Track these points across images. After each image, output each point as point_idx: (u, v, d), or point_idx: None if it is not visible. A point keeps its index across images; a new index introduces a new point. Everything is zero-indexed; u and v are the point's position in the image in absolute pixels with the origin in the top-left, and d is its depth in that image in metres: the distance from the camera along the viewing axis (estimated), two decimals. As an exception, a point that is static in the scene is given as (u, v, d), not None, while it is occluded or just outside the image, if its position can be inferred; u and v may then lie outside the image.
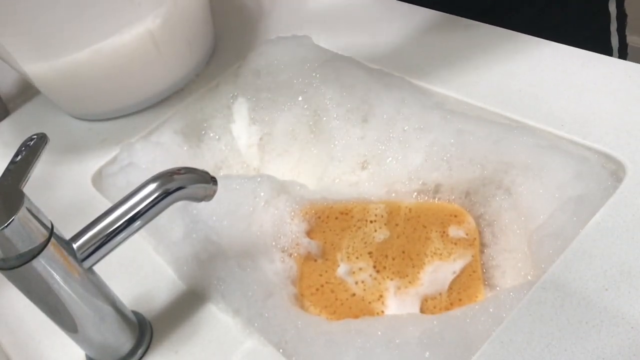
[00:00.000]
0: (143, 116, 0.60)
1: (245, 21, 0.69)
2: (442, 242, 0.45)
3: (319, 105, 0.55)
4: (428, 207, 0.48)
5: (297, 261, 0.46)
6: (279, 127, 0.58)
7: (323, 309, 0.43)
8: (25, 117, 0.66)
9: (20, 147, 0.35)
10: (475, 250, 0.44)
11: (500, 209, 0.45)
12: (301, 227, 0.47)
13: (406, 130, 0.49)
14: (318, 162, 0.55)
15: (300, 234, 0.47)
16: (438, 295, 0.43)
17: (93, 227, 0.34)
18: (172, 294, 0.42)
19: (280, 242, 0.47)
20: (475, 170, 0.46)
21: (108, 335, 0.37)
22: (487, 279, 0.44)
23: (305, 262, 0.46)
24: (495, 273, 0.44)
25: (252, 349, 0.38)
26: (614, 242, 0.37)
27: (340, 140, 0.52)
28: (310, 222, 0.48)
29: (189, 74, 0.62)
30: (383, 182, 0.49)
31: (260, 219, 0.47)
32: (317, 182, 0.53)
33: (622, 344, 0.32)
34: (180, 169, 0.37)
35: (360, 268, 0.45)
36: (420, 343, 0.36)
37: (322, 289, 0.44)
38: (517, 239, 0.43)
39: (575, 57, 0.50)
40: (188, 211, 0.48)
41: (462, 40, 0.56)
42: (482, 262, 0.44)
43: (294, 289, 0.44)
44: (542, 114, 0.46)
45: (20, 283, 0.32)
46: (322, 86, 0.55)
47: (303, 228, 0.47)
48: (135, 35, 0.54)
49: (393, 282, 0.44)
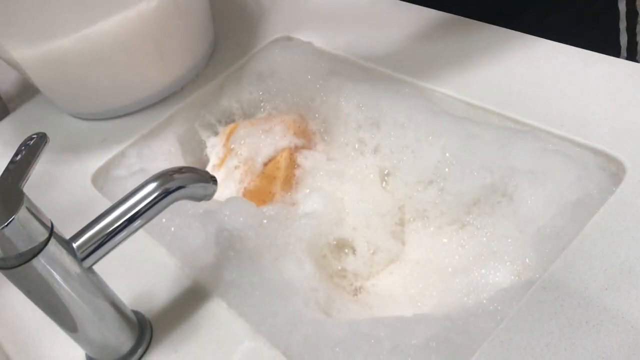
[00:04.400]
0: (143, 116, 0.60)
1: (245, 21, 0.69)
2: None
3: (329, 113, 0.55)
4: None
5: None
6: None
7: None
8: (25, 117, 0.66)
9: (20, 146, 0.35)
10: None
11: (502, 211, 0.45)
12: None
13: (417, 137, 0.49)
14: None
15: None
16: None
17: (93, 226, 0.34)
18: (172, 293, 0.42)
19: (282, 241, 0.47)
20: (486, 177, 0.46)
21: (108, 334, 0.37)
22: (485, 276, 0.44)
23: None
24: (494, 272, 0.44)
25: (252, 349, 0.38)
26: (614, 242, 0.37)
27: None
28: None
29: (189, 73, 0.62)
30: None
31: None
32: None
33: (622, 344, 0.32)
34: (181, 168, 0.37)
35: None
36: (427, 346, 0.36)
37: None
38: (517, 238, 0.43)
39: (575, 57, 0.50)
40: (188, 210, 0.48)
41: (464, 40, 0.56)
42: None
43: (297, 290, 0.44)
44: (542, 114, 0.46)
45: (20, 282, 0.32)
46: (329, 93, 0.55)
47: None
48: (124, 21, 0.53)
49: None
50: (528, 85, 0.49)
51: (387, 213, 0.50)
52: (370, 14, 0.64)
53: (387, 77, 0.55)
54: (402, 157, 0.50)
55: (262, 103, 0.61)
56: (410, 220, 0.50)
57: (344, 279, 0.48)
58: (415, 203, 0.50)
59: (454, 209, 0.48)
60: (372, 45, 0.59)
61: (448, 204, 0.48)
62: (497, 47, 0.54)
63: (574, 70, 0.49)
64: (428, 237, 0.49)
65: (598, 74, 0.48)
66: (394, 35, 0.59)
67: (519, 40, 0.53)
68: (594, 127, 0.44)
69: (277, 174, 0.53)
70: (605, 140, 0.43)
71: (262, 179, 0.53)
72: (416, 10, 0.62)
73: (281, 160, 0.53)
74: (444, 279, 0.45)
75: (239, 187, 0.54)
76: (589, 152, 0.43)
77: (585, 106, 0.46)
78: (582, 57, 0.50)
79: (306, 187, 0.52)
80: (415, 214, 0.50)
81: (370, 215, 0.49)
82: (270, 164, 0.54)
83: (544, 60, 0.51)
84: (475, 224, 0.47)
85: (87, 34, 0.52)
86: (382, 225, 0.49)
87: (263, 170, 0.54)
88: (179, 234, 0.46)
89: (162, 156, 0.56)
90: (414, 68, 0.54)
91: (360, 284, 0.48)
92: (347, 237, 0.49)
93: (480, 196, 0.46)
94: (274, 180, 0.52)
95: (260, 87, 0.61)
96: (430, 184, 0.49)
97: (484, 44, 0.54)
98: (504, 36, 0.55)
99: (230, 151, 0.56)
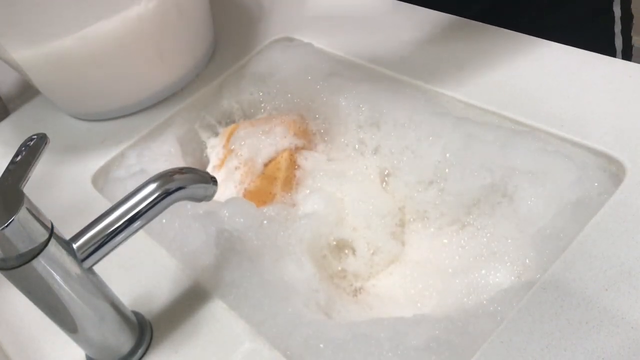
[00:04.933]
0: (143, 116, 0.60)
1: (246, 22, 0.69)
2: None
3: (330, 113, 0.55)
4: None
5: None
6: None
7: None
8: (25, 117, 0.66)
9: (20, 147, 0.35)
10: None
11: (502, 211, 0.45)
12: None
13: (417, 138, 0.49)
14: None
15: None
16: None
17: (93, 227, 0.34)
18: (172, 294, 0.42)
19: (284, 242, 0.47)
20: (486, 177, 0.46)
21: (108, 335, 0.37)
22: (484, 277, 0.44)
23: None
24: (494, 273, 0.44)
25: (252, 350, 0.38)
26: (614, 242, 0.37)
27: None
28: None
29: (189, 74, 0.62)
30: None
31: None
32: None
33: (622, 344, 0.32)
34: (181, 169, 0.37)
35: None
36: (427, 347, 0.36)
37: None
38: (517, 239, 0.43)
39: (575, 57, 0.50)
40: (188, 211, 0.48)
41: (463, 41, 0.56)
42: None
43: (297, 291, 0.44)
44: (542, 114, 0.46)
45: (20, 283, 0.32)
46: (330, 94, 0.55)
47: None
48: (122, 21, 0.53)
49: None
50: (528, 86, 0.49)
51: (388, 214, 0.50)
52: (370, 15, 0.64)
53: (387, 78, 0.55)
54: (402, 157, 0.50)
55: (263, 104, 0.61)
56: (411, 221, 0.50)
57: (344, 279, 0.48)
58: (416, 203, 0.50)
59: (454, 210, 0.48)
60: (373, 45, 0.59)
61: (448, 204, 0.48)
62: (497, 47, 0.54)
63: (574, 70, 0.49)
64: (428, 237, 0.49)
65: (598, 74, 0.48)
66: (394, 36, 0.59)
67: (519, 41, 0.53)
68: (594, 127, 0.44)
69: (278, 174, 0.53)
70: (606, 141, 0.43)
71: (263, 180, 0.53)
72: (416, 11, 0.62)
73: (281, 161, 0.53)
74: (444, 279, 0.45)
75: (239, 188, 0.54)
76: (589, 153, 0.43)
77: (585, 107, 0.46)
78: (582, 57, 0.50)
79: (306, 187, 0.52)
80: (416, 215, 0.50)
81: (370, 216, 0.49)
82: (271, 165, 0.54)
83: (544, 60, 0.51)
84: (476, 225, 0.47)
85: (86, 34, 0.52)
86: (382, 226, 0.49)
87: (263, 171, 0.54)
88: (179, 234, 0.46)
89: (162, 157, 0.56)
90: (414, 69, 0.54)
91: (360, 285, 0.48)
92: (347, 238, 0.49)
93: (480, 197, 0.46)
94: (275, 181, 0.52)
95: (260, 87, 0.61)
96: (430, 185, 0.49)
97: (483, 45, 0.54)
98: (504, 37, 0.55)
99: (231, 152, 0.56)
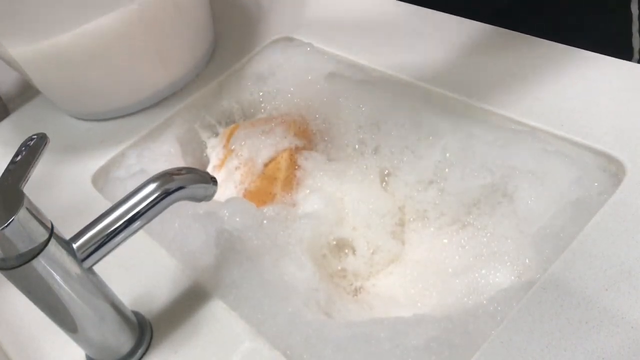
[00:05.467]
0: (143, 116, 0.60)
1: (246, 21, 0.69)
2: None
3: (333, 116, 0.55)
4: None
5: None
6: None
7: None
8: (25, 117, 0.66)
9: (20, 147, 0.35)
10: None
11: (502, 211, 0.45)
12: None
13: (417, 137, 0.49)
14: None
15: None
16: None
17: (93, 227, 0.34)
18: (172, 294, 0.42)
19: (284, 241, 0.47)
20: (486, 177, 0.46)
21: (108, 335, 0.37)
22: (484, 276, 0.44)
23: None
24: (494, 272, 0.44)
25: (252, 350, 0.38)
26: (614, 242, 0.37)
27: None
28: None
29: (189, 74, 0.62)
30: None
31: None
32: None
33: (622, 344, 0.32)
34: (181, 169, 0.37)
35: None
36: (427, 347, 0.36)
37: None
38: (517, 238, 0.43)
39: (575, 57, 0.50)
40: (188, 211, 0.48)
41: (463, 40, 0.56)
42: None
43: (297, 291, 0.44)
44: (542, 114, 0.46)
45: (20, 283, 0.32)
46: (330, 94, 0.55)
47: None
48: (121, 18, 0.53)
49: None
50: (528, 85, 0.49)
51: (387, 213, 0.50)
52: (370, 15, 0.64)
53: (387, 78, 0.55)
54: (402, 157, 0.50)
55: (263, 104, 0.61)
56: (410, 221, 0.50)
57: (344, 279, 0.48)
58: (416, 203, 0.50)
59: (454, 209, 0.48)
60: (372, 45, 0.59)
61: (448, 204, 0.48)
62: (497, 47, 0.54)
63: (574, 70, 0.49)
64: (428, 237, 0.49)
65: (598, 74, 0.48)
66: (394, 36, 0.59)
67: (519, 41, 0.53)
68: (594, 127, 0.44)
69: (278, 174, 0.53)
70: (606, 141, 0.43)
71: (263, 180, 0.53)
72: (416, 11, 0.62)
73: (281, 161, 0.53)
74: (444, 279, 0.45)
75: (240, 188, 0.54)
76: (589, 153, 0.43)
77: (585, 106, 0.46)
78: (582, 57, 0.50)
79: (306, 187, 0.52)
80: (415, 214, 0.50)
81: (370, 216, 0.49)
82: (271, 165, 0.54)
83: (544, 60, 0.51)
84: (476, 225, 0.47)
85: (85, 31, 0.52)
86: (382, 226, 0.49)
87: (263, 171, 0.54)
88: (179, 234, 0.46)
89: (162, 157, 0.56)
90: (414, 68, 0.54)
91: (360, 284, 0.48)
92: (347, 237, 0.49)
93: (480, 196, 0.46)
94: (275, 181, 0.52)
95: (260, 87, 0.61)
96: (430, 184, 0.49)
97: (483, 44, 0.54)
98: (504, 36, 0.55)
99: (231, 152, 0.56)
